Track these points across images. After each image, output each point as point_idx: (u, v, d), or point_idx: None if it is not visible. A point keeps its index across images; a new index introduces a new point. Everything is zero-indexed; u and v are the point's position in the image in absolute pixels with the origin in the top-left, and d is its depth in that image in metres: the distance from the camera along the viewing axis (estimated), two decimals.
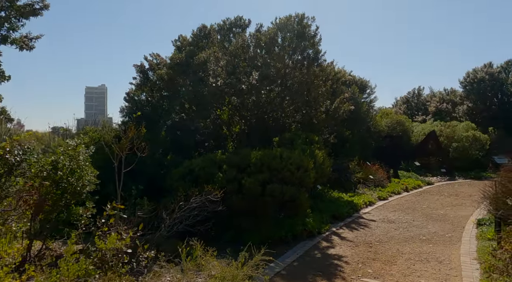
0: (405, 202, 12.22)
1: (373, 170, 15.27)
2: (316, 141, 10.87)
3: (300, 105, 11.74)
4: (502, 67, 23.95)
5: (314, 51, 11.34)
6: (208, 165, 8.39)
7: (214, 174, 8.10)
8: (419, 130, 22.58)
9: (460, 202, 12.18)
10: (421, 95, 30.53)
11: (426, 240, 7.63)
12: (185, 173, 8.46)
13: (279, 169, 7.96)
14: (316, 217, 8.71)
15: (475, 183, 17.42)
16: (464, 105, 24.81)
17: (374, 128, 20.94)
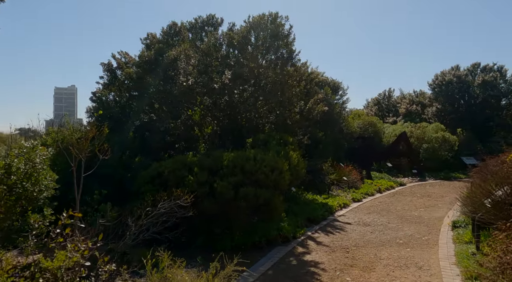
0: (379, 204, 12.17)
1: (347, 171, 15.23)
2: (290, 142, 10.62)
3: (274, 105, 11.47)
4: (468, 70, 24.70)
5: (288, 50, 11.10)
6: (178, 167, 7.94)
7: (185, 177, 7.66)
8: (390, 132, 22.88)
9: (433, 203, 12.26)
10: (391, 97, 31.09)
11: (403, 243, 7.49)
12: (154, 176, 7.98)
13: (253, 171, 7.62)
14: (291, 221, 8.43)
15: (445, 183, 17.76)
16: (433, 107, 25.40)
17: (347, 130, 21.04)
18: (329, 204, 11.06)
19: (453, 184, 17.35)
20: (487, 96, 23.69)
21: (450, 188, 16.12)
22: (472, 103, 24.25)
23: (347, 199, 12.24)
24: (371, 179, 17.09)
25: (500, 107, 23.80)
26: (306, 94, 13.59)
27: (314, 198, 11.67)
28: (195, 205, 7.19)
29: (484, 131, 23.37)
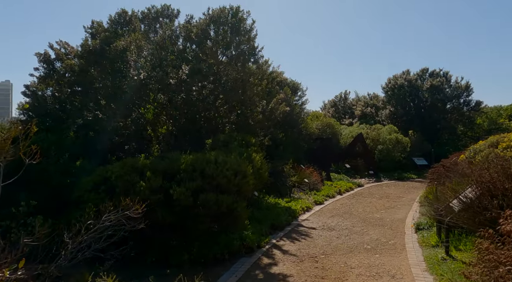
0: (341, 206, 11.90)
1: (308, 173, 14.89)
2: (252, 143, 10.01)
3: (235, 104, 10.81)
4: (418, 75, 25.59)
5: (250, 47, 10.50)
6: (128, 171, 7.01)
7: (135, 182, 6.76)
8: (347, 133, 23.05)
9: (392, 204, 12.20)
10: (347, 99, 31.61)
11: (371, 249, 7.12)
12: (98, 182, 6.98)
13: (214, 176, 6.89)
14: (255, 229, 7.79)
15: (399, 183, 18.04)
16: (386, 110, 26.03)
17: (306, 131, 20.86)
18: (292, 207, 10.57)
19: (407, 184, 17.67)
20: (435, 100, 24.65)
21: (405, 188, 16.35)
22: (421, 106, 25.13)
23: (309, 202, 11.85)
24: (330, 180, 16.94)
25: (446, 110, 24.85)
26: (268, 94, 13.06)
27: (276, 202, 11.13)
28: (147, 215, 6.32)
29: (432, 133, 24.27)
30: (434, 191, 10.41)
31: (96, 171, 7.32)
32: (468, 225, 5.20)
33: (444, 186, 8.07)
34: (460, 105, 24.44)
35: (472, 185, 5.45)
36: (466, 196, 5.62)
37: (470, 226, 5.13)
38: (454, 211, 6.01)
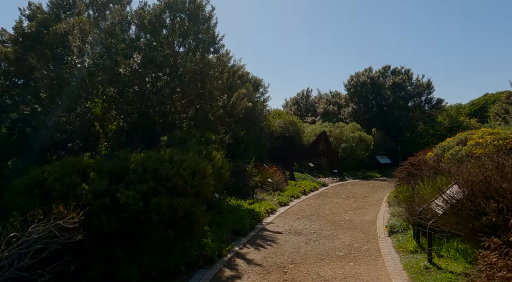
0: (306, 207, 11.37)
1: (271, 173, 14.30)
2: (213, 141, 9.21)
3: (194, 98, 9.94)
4: (380, 72, 25.80)
5: (210, 36, 9.67)
6: (68, 173, 5.98)
7: (76, 185, 5.77)
8: (310, 131, 22.75)
9: (359, 204, 11.84)
10: (309, 96, 31.46)
11: (344, 256, 6.57)
12: (32, 185, 5.91)
13: (169, 176, 6.04)
14: (215, 235, 7.01)
15: (364, 182, 17.91)
16: (349, 107, 26.06)
17: (268, 129, 20.30)
18: (256, 210, 9.88)
19: (371, 184, 17.56)
20: (397, 98, 24.96)
21: (370, 187, 16.19)
22: (383, 104, 25.36)
23: (273, 203, 11.22)
24: (294, 180, 16.45)
25: (408, 108, 25.24)
26: (229, 88, 12.29)
27: (239, 204, 10.40)
28: (89, 223, 5.40)
29: (395, 131, 24.56)
30: (404, 190, 10.13)
31: (30, 171, 6.24)
32: (457, 230, 4.74)
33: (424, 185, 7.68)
34: (422, 103, 24.92)
35: (460, 185, 4.99)
36: (451, 196, 5.17)
37: (459, 232, 4.68)
38: (437, 214, 5.56)
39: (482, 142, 11.32)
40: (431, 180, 9.91)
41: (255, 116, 18.00)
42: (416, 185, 10.30)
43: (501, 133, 11.56)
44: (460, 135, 12.58)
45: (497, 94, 32.36)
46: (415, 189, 10.15)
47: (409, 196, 10.08)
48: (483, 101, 32.97)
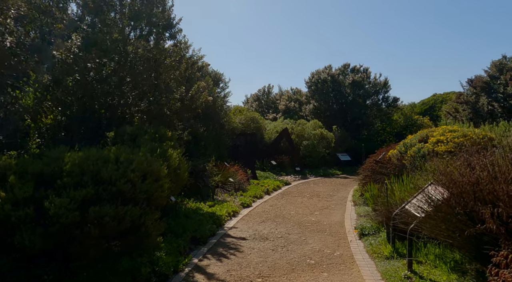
0: (271, 208, 10.65)
1: (232, 172, 13.46)
2: (169, 137, 8.22)
3: (147, 90, 8.87)
4: (340, 70, 25.74)
5: (165, 19, 8.64)
6: None
7: None
8: (271, 128, 22.16)
9: (325, 204, 11.31)
10: (270, 93, 30.92)
11: (316, 264, 5.88)
12: None
13: (114, 179, 5.03)
14: (171, 246, 6.07)
15: (326, 180, 17.55)
16: (310, 105, 25.76)
17: (229, 126, 19.48)
18: (217, 213, 9.01)
19: (334, 181, 17.24)
20: (356, 95, 24.99)
21: (333, 185, 15.82)
22: (343, 101, 25.30)
23: (236, 205, 10.39)
24: (257, 179, 15.73)
25: (366, 106, 25.36)
26: (187, 80, 11.30)
27: (198, 207, 9.47)
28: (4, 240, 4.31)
29: (354, 129, 24.59)
30: (371, 189, 9.69)
31: None
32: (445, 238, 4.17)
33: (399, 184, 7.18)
34: (379, 101, 25.12)
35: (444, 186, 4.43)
36: (432, 199, 4.61)
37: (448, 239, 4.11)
38: (415, 216, 4.99)
39: (443, 139, 11.20)
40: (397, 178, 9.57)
41: (215, 112, 17.11)
42: (383, 184, 9.93)
43: (459, 130, 11.53)
44: (421, 132, 12.44)
45: (444, 95, 33.71)
46: (383, 188, 9.78)
47: (377, 195, 9.67)
48: (432, 101, 34.19)
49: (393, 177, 9.35)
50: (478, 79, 19.39)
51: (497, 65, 19.17)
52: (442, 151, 10.77)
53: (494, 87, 18.58)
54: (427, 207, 4.66)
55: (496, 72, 18.96)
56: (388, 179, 9.46)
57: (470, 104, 19.34)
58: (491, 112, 18.25)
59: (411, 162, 11.18)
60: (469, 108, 19.31)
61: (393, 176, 9.44)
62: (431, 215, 4.40)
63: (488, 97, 18.54)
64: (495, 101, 18.22)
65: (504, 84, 18.03)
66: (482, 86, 18.90)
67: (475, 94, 19.45)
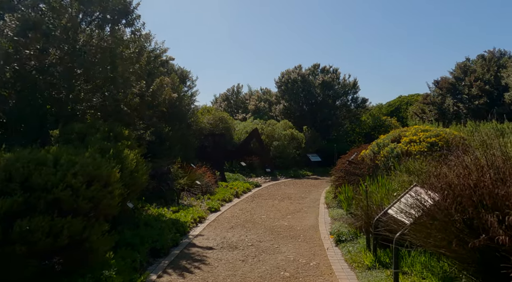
0: (240, 212, 9.96)
1: (200, 174, 12.65)
2: (126, 136, 7.35)
3: (101, 83, 7.95)
4: (310, 70, 25.45)
5: (121, 3, 7.75)
6: None
7: None
8: (241, 128, 21.48)
9: (297, 207, 10.75)
10: (240, 93, 30.22)
11: (292, 277, 5.24)
12: None
13: (49, 186, 4.17)
14: (124, 262, 5.21)
15: (297, 182, 17.06)
16: (280, 105, 25.30)
17: (196, 126, 18.65)
18: (181, 220, 8.20)
19: (305, 183, 16.78)
20: (326, 96, 24.78)
21: (304, 187, 15.35)
22: (313, 102, 25.01)
23: (202, 210, 9.62)
24: (225, 181, 14.98)
25: (336, 107, 25.21)
26: (149, 75, 10.41)
27: (160, 213, 8.61)
28: None
29: (324, 129, 24.35)
30: (346, 191, 9.20)
31: None
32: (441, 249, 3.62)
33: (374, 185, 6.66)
34: (348, 102, 25.02)
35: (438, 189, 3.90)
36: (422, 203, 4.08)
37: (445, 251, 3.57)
38: (402, 223, 4.45)
39: (415, 139, 10.94)
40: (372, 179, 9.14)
41: (182, 111, 16.25)
42: (358, 185, 9.49)
43: (432, 130, 11.33)
44: (393, 132, 12.17)
45: (409, 97, 34.39)
46: (358, 190, 9.32)
47: (352, 197, 9.20)
48: (397, 102, 34.80)
49: (368, 178, 8.92)
50: (444, 80, 19.61)
51: (461, 67, 19.45)
52: (415, 150, 10.49)
53: (459, 88, 18.82)
54: (415, 213, 4.12)
55: (461, 74, 19.22)
56: (363, 180, 9.02)
57: (436, 105, 19.51)
58: (456, 113, 18.46)
59: (385, 162, 10.84)
60: (435, 109, 19.47)
61: (368, 177, 9.00)
62: (423, 223, 3.86)
63: (454, 98, 18.74)
64: (460, 102, 18.43)
65: (468, 85, 18.27)
66: (447, 87, 19.10)
67: (441, 96, 19.64)
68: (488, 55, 19.46)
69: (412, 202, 4.33)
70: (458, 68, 19.38)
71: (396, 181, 8.48)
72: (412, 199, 4.36)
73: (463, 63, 19.59)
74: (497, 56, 19.39)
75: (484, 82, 17.59)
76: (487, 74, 17.90)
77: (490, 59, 18.86)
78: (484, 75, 17.98)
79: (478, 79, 17.84)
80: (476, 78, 17.96)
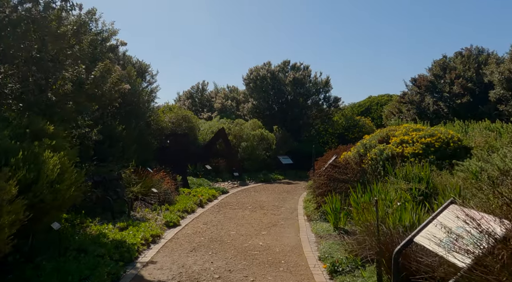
0: (204, 227, 8.29)
1: (157, 179, 10.83)
2: (50, 134, 5.50)
3: (22, 65, 6.05)
4: (280, 67, 24.08)
5: None
6: None
7: None
8: (206, 128, 19.74)
9: (272, 219, 9.22)
10: (205, 90, 28.33)
11: None
12: None
13: None
14: None
15: (268, 187, 15.57)
16: (248, 103, 23.74)
17: (156, 125, 16.78)
18: (128, 241, 6.43)
19: (277, 188, 15.33)
20: (297, 94, 23.49)
21: (277, 193, 13.88)
22: (283, 101, 23.65)
23: (158, 225, 7.87)
24: (188, 187, 13.22)
25: (307, 106, 23.99)
26: (93, 61, 8.51)
27: (101, 232, 6.78)
28: None
29: (295, 130, 23.04)
30: (332, 201, 7.76)
31: None
32: None
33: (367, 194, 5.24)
34: (320, 101, 23.86)
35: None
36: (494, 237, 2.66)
37: None
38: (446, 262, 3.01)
39: (407, 139, 9.76)
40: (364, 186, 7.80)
41: (139, 108, 14.36)
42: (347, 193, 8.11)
43: (425, 129, 10.20)
44: (380, 132, 10.96)
45: (379, 97, 34.06)
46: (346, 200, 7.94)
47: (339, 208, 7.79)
48: (368, 103, 34.41)
49: (359, 185, 7.55)
50: (422, 78, 18.85)
51: (440, 65, 18.76)
52: (408, 153, 9.28)
53: (439, 86, 18.08)
54: (479, 251, 2.68)
55: (439, 72, 18.51)
56: (352, 187, 7.66)
57: (415, 103, 18.69)
58: (436, 112, 17.68)
59: (373, 165, 9.56)
60: (414, 108, 18.65)
61: (359, 184, 7.63)
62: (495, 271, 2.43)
63: (433, 97, 17.99)
64: (440, 100, 17.67)
65: (449, 83, 17.54)
66: (426, 85, 18.32)
67: (419, 94, 18.86)
68: (466, 52, 18.91)
69: (465, 232, 2.89)
70: (436, 65, 18.66)
71: (392, 189, 7.18)
72: (463, 228, 2.92)
73: (441, 60, 18.91)
74: (474, 53, 18.88)
75: (466, 79, 16.90)
76: (468, 71, 17.24)
77: (469, 56, 18.28)
78: (465, 72, 17.30)
79: (460, 77, 17.13)
80: (457, 76, 17.25)
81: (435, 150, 9.31)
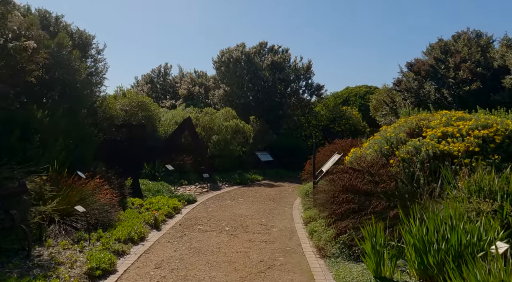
0: (157, 277, 4.99)
1: (89, 189, 7.33)
2: None
3: None
4: (256, 49, 20.83)
5: None
6: None
7: None
8: (169, 118, 16.21)
9: (263, 253, 6.02)
10: (168, 74, 24.56)
11: None
12: None
13: None
14: None
15: (247, 192, 12.38)
16: (220, 90, 20.36)
17: (104, 113, 13.21)
18: None
19: (258, 193, 12.17)
20: (276, 81, 20.36)
21: (260, 201, 10.71)
22: (260, 88, 20.45)
23: (76, 274, 4.49)
24: (141, 196, 9.78)
25: (287, 94, 20.94)
26: None
27: None
28: None
29: (273, 121, 19.93)
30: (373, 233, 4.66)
31: None
32: None
33: None
34: (301, 88, 20.84)
35: None
36: None
37: None
38: None
39: (453, 132, 6.87)
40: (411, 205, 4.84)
41: (78, 91, 10.71)
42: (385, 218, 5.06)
43: (472, 118, 7.36)
44: (406, 121, 7.99)
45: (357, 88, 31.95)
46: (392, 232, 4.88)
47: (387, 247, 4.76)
48: (346, 94, 32.30)
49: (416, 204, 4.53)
50: (422, 63, 16.22)
51: (441, 47, 16.20)
52: (459, 150, 6.38)
53: (441, 72, 15.50)
54: None
55: (441, 55, 15.94)
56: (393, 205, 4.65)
57: (412, 92, 16.05)
58: (439, 102, 15.12)
59: (406, 169, 6.59)
60: (411, 97, 16.00)
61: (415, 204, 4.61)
62: None
63: (436, 83, 15.39)
64: (443, 87, 15.10)
65: (453, 68, 14.98)
66: (427, 70, 15.69)
67: (417, 81, 16.24)
68: (464, 35, 16.51)
69: None
70: (437, 48, 16.10)
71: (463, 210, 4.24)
72: None
73: (442, 42, 16.36)
74: (472, 36, 16.51)
75: (474, 64, 14.40)
76: (476, 54, 14.75)
77: (469, 39, 15.86)
78: (472, 55, 14.81)
79: (466, 60, 14.63)
80: (463, 59, 14.73)
81: (496, 146, 6.47)
